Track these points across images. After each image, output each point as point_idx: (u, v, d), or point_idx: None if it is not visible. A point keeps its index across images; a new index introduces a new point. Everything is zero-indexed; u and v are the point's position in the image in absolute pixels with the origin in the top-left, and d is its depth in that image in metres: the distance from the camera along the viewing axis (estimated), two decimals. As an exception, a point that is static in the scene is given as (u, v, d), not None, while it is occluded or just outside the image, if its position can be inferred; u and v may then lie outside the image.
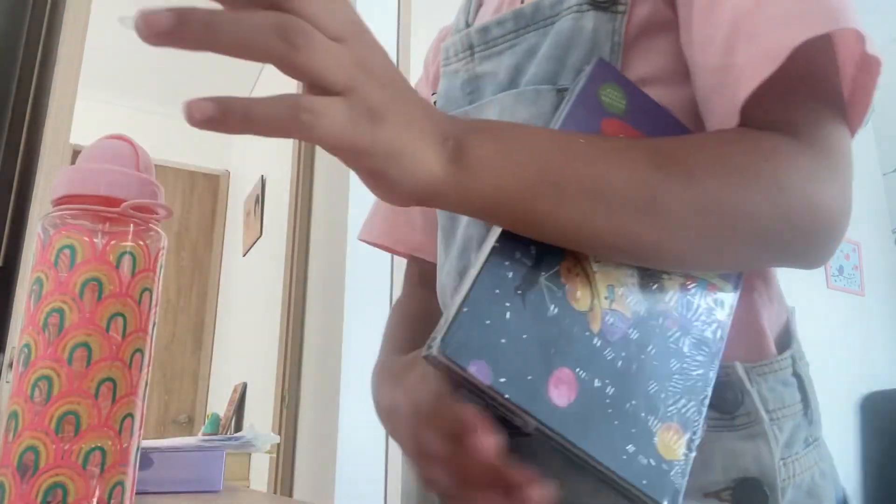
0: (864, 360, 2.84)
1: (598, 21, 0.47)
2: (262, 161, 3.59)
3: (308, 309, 2.25)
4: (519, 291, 0.38)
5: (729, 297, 0.46)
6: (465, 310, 0.36)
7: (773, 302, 0.53)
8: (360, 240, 0.76)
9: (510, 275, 0.38)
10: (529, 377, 0.36)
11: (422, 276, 0.71)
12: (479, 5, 0.64)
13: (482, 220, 0.40)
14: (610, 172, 0.38)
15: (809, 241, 0.42)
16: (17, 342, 0.43)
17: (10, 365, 1.46)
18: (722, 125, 0.43)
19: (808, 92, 0.43)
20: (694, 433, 0.41)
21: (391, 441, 1.87)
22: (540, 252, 0.39)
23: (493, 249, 0.38)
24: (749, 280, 0.50)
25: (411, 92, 0.35)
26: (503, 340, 0.37)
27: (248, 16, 0.29)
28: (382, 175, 0.34)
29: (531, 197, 0.36)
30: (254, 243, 3.47)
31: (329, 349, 1.96)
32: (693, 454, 0.40)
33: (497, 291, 0.37)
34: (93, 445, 0.41)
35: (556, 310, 0.39)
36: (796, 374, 0.50)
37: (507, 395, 0.36)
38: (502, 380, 0.36)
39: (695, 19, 0.45)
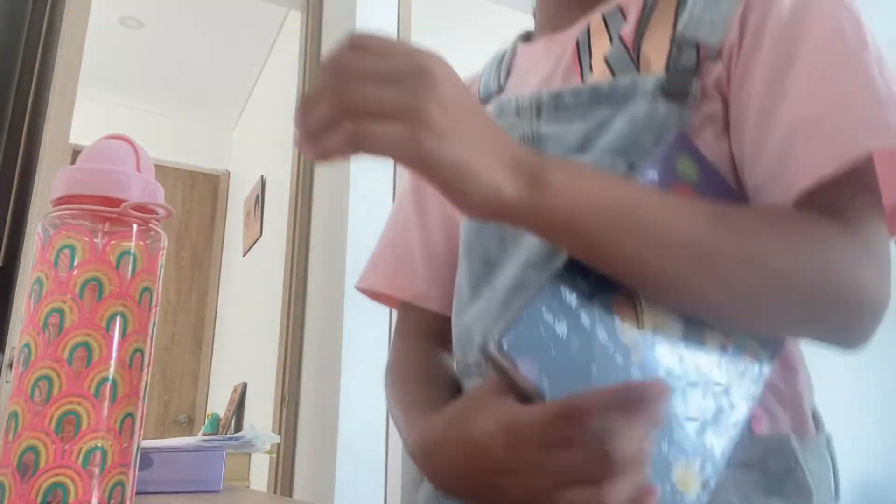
0: (864, 360, 2.84)
1: (669, 109, 0.51)
2: (262, 161, 3.59)
3: (308, 309, 2.25)
4: (574, 312, 0.42)
5: (765, 368, 0.49)
6: (524, 314, 0.40)
7: (808, 381, 0.57)
8: (358, 289, 0.76)
9: (568, 296, 0.42)
10: (569, 387, 0.39)
11: (419, 326, 0.71)
12: (508, 72, 0.68)
13: (550, 240, 0.44)
14: (674, 219, 0.43)
15: (850, 319, 0.46)
16: (17, 342, 0.43)
17: (10, 365, 1.47)
18: None
19: (857, 192, 0.47)
20: (707, 480, 0.43)
21: (391, 441, 1.87)
22: (597, 282, 0.44)
23: (559, 271, 0.43)
24: (789, 357, 0.53)
25: (481, 118, 0.40)
26: (553, 351, 0.40)
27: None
28: (454, 189, 0.38)
29: (601, 225, 0.41)
30: (254, 243, 3.47)
31: (329, 349, 1.96)
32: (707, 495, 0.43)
33: (555, 306, 0.41)
34: (93, 445, 0.41)
35: (603, 336, 0.42)
36: (830, 454, 0.54)
37: (548, 397, 0.38)
38: (546, 381, 0.39)
39: (751, 119, 0.50)
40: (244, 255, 3.69)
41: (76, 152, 0.54)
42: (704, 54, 0.51)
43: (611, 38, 0.56)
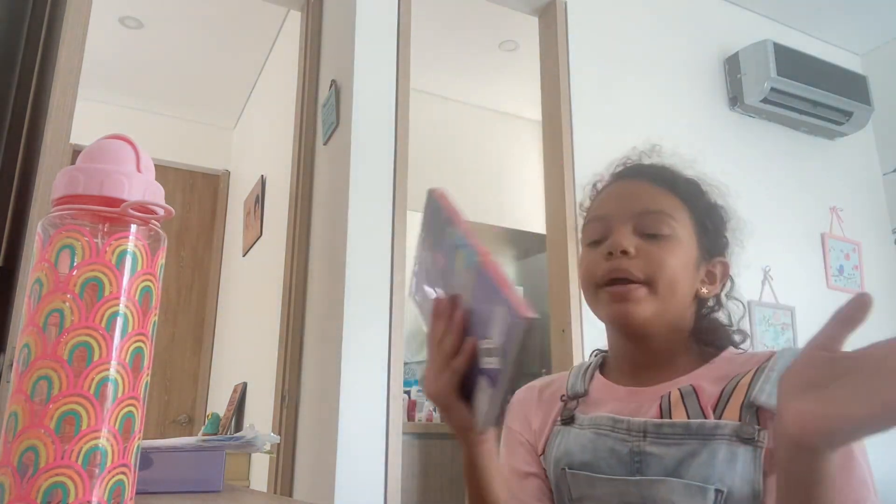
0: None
1: (745, 452, 0.69)
2: (262, 161, 3.59)
3: (308, 309, 2.25)
4: None
5: None
6: None
7: None
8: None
9: None
10: None
11: None
12: (586, 389, 0.86)
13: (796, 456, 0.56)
14: None
15: None
16: (17, 342, 0.43)
17: (10, 365, 1.46)
18: None
19: None
20: None
21: (391, 441, 1.87)
22: None
23: None
24: None
25: None
26: None
27: None
28: None
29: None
30: (254, 243, 3.47)
31: (329, 349, 1.96)
32: None
33: None
34: (93, 445, 0.41)
35: None
36: None
37: None
38: None
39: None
40: (244, 255, 3.69)
41: (76, 152, 0.53)
42: (767, 415, 0.69)
43: (687, 412, 0.74)
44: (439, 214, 0.66)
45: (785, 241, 2.79)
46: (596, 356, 0.92)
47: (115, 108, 4.07)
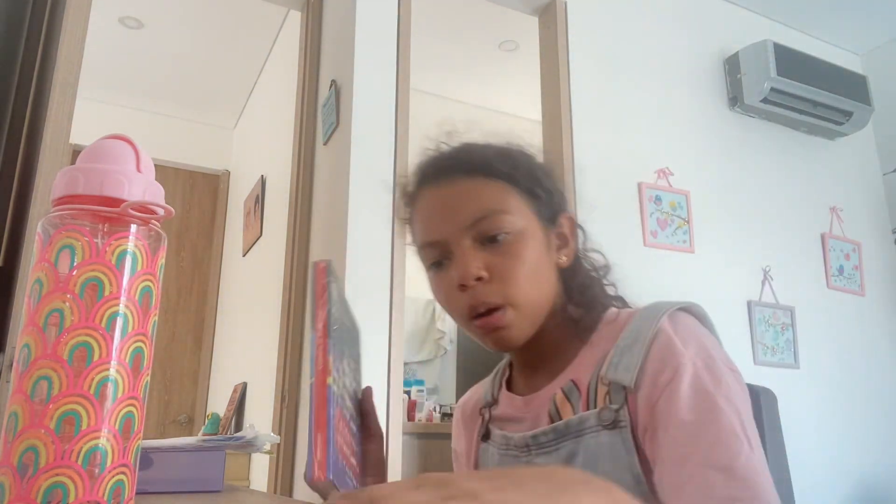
0: (864, 360, 2.84)
1: (612, 437, 0.67)
2: (262, 161, 3.59)
3: (308, 309, 2.25)
4: None
5: None
6: None
7: None
8: None
9: None
10: None
11: None
12: (496, 397, 0.85)
13: None
14: None
15: None
16: (17, 342, 0.43)
17: (10, 365, 1.46)
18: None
19: None
20: None
21: (391, 441, 1.87)
22: None
23: None
24: None
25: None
26: None
27: None
28: None
29: None
30: (254, 243, 3.47)
31: (329, 349, 1.95)
32: None
33: None
34: (93, 445, 0.41)
35: None
36: None
37: None
38: None
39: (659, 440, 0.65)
40: (244, 255, 3.69)
41: (76, 152, 0.53)
42: (627, 390, 0.67)
43: (573, 407, 0.72)
44: (313, 292, 0.58)
45: (785, 241, 2.79)
46: (506, 362, 0.89)
47: (115, 108, 4.07)
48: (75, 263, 0.42)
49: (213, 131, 4.46)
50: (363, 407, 0.70)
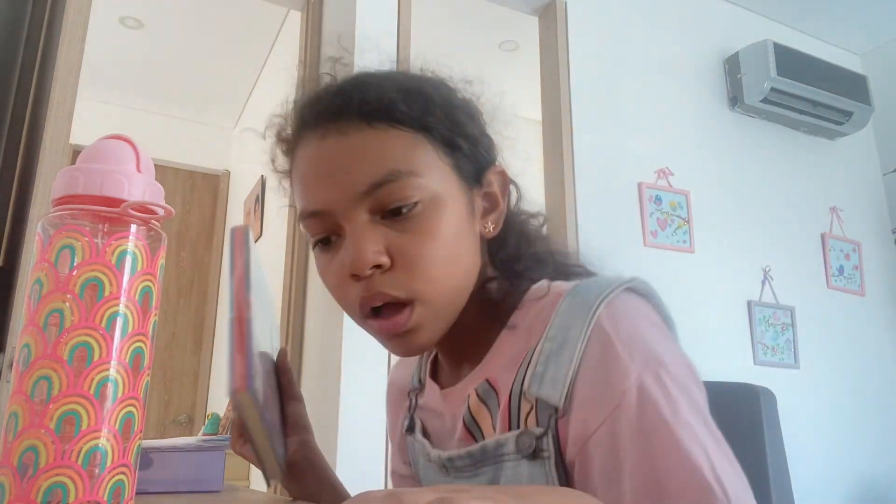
0: (864, 360, 2.84)
1: (532, 469, 0.53)
2: (262, 161, 3.59)
3: (308, 309, 2.25)
4: None
5: None
6: None
7: None
8: None
9: None
10: None
11: None
12: (421, 381, 0.72)
13: None
14: None
15: None
16: (17, 342, 0.43)
17: (10, 365, 1.46)
18: None
19: None
20: None
21: (391, 441, 1.87)
22: None
23: None
24: None
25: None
26: None
27: None
28: None
29: None
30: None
31: (329, 349, 1.96)
32: None
33: None
34: (93, 445, 0.41)
35: None
36: None
37: None
38: None
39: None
40: (244, 255, 3.68)
41: (76, 152, 0.53)
42: (554, 411, 0.52)
43: (492, 417, 0.58)
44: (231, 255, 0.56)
45: (785, 241, 2.79)
46: None
47: (115, 108, 4.07)
48: (75, 263, 0.42)
49: (213, 131, 4.45)
50: (279, 366, 0.66)
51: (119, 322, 0.43)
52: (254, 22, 3.42)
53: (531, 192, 0.69)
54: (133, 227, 0.44)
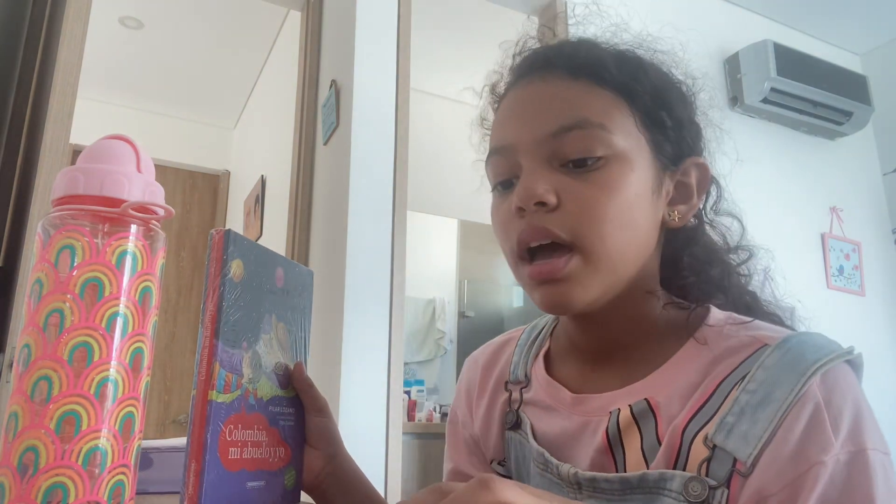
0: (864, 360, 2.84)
1: None
2: (262, 161, 3.59)
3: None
4: None
5: None
6: None
7: None
8: None
9: None
10: None
11: None
12: (528, 376, 0.66)
13: None
14: None
15: None
16: (17, 342, 0.43)
17: (10, 365, 1.46)
18: None
19: None
20: None
21: (391, 441, 1.87)
22: None
23: None
24: None
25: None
26: None
27: None
28: None
29: None
30: (254, 243, 3.47)
31: (329, 349, 1.96)
32: None
33: None
34: (93, 445, 0.41)
35: None
36: None
37: None
38: None
39: None
40: (244, 255, 3.68)
41: (76, 152, 0.53)
42: (735, 467, 0.48)
43: (642, 441, 0.54)
44: (206, 274, 0.53)
45: (785, 241, 2.79)
46: (550, 323, 0.70)
47: (115, 108, 4.07)
48: (75, 263, 0.42)
49: (213, 131, 4.46)
50: (297, 385, 0.61)
51: (119, 322, 0.43)
52: (254, 22, 3.42)
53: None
54: (133, 228, 0.44)
